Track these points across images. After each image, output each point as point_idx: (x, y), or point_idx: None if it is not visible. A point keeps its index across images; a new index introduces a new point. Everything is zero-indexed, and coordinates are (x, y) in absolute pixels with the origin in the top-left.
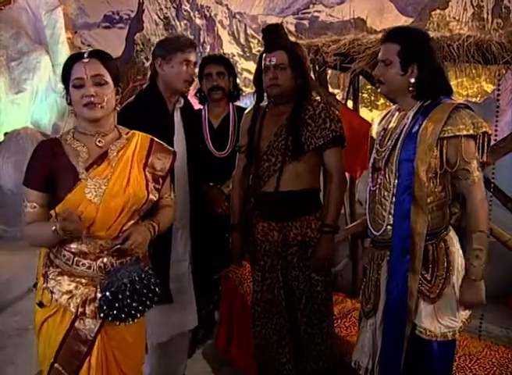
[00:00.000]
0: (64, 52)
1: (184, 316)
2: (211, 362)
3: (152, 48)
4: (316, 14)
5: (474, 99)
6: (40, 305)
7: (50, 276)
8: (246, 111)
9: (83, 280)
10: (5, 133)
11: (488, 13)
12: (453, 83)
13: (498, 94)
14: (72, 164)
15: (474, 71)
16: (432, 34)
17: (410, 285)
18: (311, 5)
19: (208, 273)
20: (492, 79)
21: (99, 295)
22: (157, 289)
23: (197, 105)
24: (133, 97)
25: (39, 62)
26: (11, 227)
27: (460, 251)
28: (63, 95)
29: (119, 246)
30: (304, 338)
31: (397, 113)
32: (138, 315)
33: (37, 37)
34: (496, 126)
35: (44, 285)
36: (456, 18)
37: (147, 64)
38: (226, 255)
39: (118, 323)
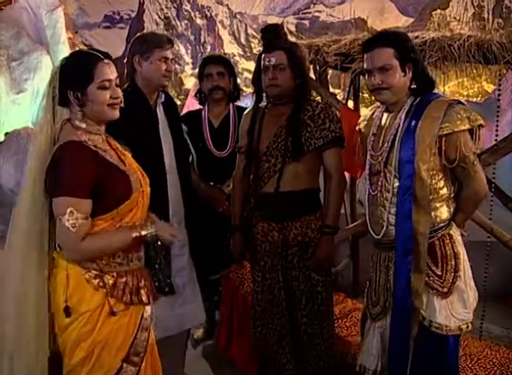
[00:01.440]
0: (65, 52)
1: (189, 311)
2: (211, 362)
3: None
4: (317, 14)
5: (474, 99)
6: (114, 313)
7: (111, 283)
8: (245, 112)
9: (138, 273)
10: (6, 133)
11: (488, 13)
12: (453, 83)
13: (499, 94)
14: (113, 163)
15: (474, 71)
16: (432, 34)
17: (415, 285)
18: (312, 5)
19: (208, 272)
20: (492, 79)
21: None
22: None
23: (197, 106)
24: None
25: (40, 62)
26: None
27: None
28: (74, 95)
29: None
30: (305, 338)
31: (386, 114)
32: None
33: (37, 37)
34: (497, 126)
35: (112, 292)
36: (457, 18)
37: (125, 61)
38: (226, 255)
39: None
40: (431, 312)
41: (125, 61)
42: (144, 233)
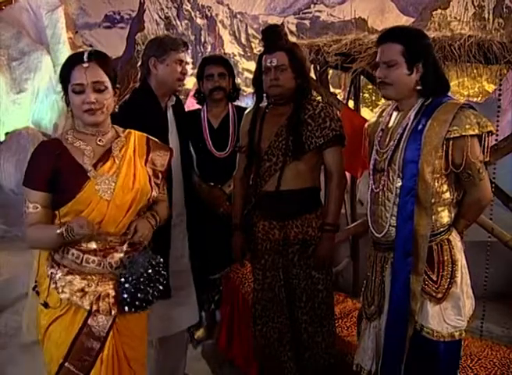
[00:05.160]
0: (65, 52)
1: (184, 312)
2: (211, 362)
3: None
4: (317, 14)
5: (475, 99)
6: (45, 305)
7: (58, 277)
8: (245, 112)
9: (94, 277)
10: (6, 133)
11: (489, 13)
12: (454, 83)
13: (499, 94)
14: (79, 163)
15: (475, 71)
16: (433, 34)
17: (413, 287)
18: (312, 5)
19: (206, 272)
20: (493, 79)
21: (113, 292)
22: (165, 274)
23: (195, 106)
24: (127, 97)
25: (40, 62)
26: (12, 227)
27: (462, 250)
28: (62, 96)
29: (128, 240)
30: (305, 337)
31: (396, 113)
32: (154, 301)
33: (38, 37)
34: (497, 126)
35: (53, 286)
36: (458, 18)
37: (139, 64)
38: (226, 255)
39: (136, 312)
40: (423, 317)
41: (139, 64)
42: (61, 230)
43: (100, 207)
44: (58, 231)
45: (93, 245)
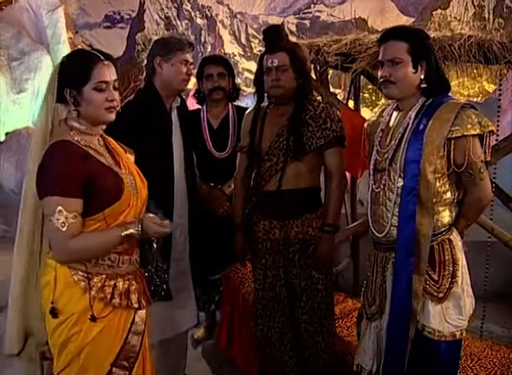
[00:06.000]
0: (65, 52)
1: (185, 314)
2: (211, 362)
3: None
4: (317, 14)
5: (475, 99)
6: (94, 319)
7: (99, 286)
8: (246, 112)
9: (130, 276)
10: (7, 133)
11: (489, 13)
12: (454, 83)
13: (499, 94)
14: (106, 164)
15: (475, 71)
16: (433, 34)
17: (414, 287)
18: (312, 5)
19: (207, 272)
20: (493, 79)
21: (145, 286)
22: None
23: (195, 106)
24: (131, 97)
25: (40, 62)
26: (12, 227)
27: (462, 250)
28: (71, 96)
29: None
30: (305, 337)
31: (396, 112)
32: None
33: (38, 37)
34: (498, 126)
35: (98, 296)
36: (458, 18)
37: (144, 64)
38: (226, 255)
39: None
40: (425, 317)
41: (144, 64)
42: (131, 231)
43: (135, 204)
44: (125, 233)
45: (125, 245)
